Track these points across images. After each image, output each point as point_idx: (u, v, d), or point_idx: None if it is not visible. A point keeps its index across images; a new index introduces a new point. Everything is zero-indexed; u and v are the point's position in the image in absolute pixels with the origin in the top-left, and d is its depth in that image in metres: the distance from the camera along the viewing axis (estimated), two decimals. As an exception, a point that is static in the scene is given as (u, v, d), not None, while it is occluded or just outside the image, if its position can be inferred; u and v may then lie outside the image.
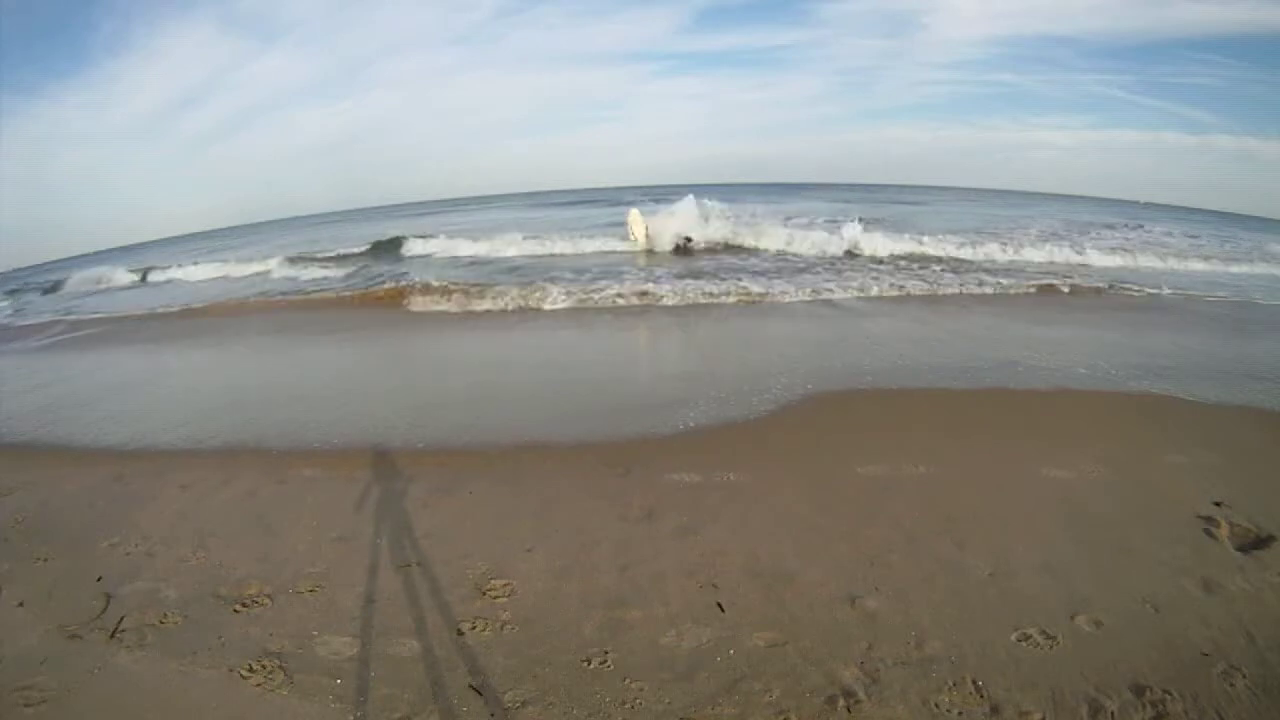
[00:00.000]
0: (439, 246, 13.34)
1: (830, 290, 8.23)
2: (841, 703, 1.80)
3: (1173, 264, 11.07)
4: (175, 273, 14.47)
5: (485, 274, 10.20)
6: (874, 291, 8.20)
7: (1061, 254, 11.14)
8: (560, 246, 12.44)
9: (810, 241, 11.51)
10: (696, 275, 9.10)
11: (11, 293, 15.28)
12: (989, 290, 8.29)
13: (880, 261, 10.47)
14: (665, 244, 11.68)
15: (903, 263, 10.31)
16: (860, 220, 12.88)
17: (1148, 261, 11.12)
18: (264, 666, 1.99)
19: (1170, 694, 1.79)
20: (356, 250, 14.03)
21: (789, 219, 14.45)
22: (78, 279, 14.75)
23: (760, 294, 8.09)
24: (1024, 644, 2.00)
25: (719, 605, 2.23)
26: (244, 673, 1.96)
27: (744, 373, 4.80)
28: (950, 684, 1.85)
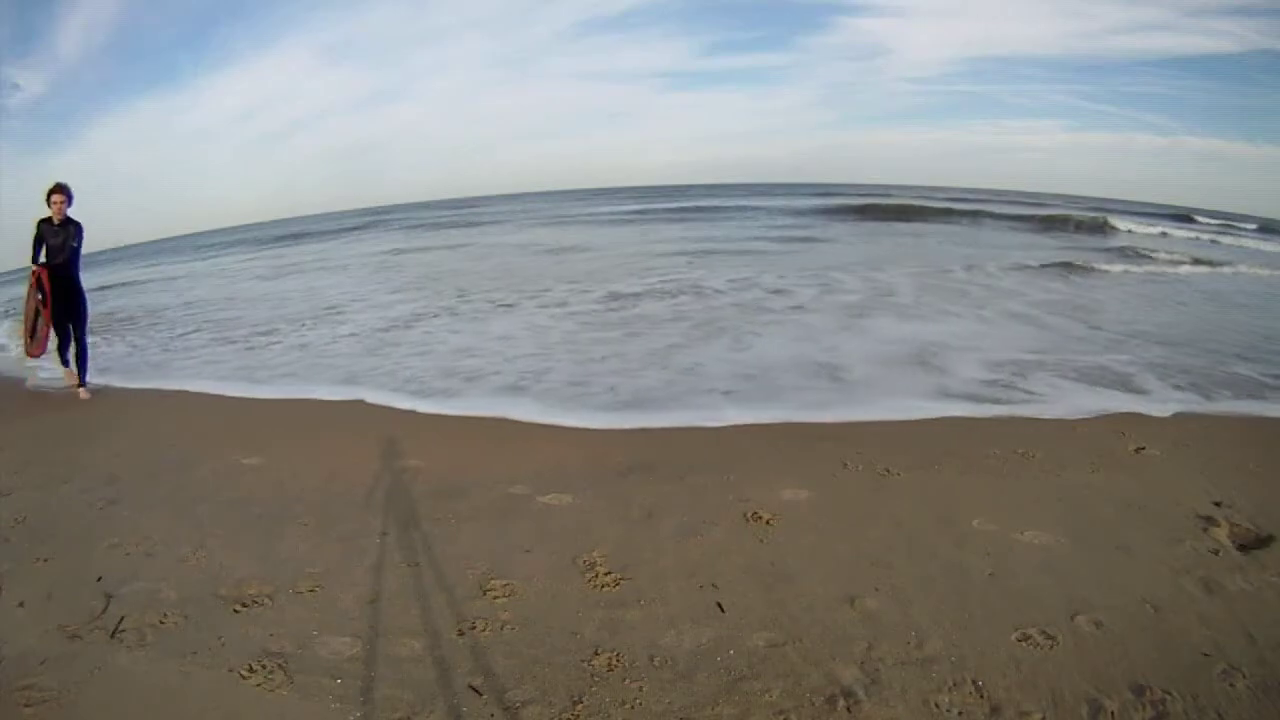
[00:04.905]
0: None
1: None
2: (841, 703, 1.79)
3: None
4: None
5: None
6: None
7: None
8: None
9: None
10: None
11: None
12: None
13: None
14: None
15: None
16: None
17: None
18: (264, 666, 1.99)
19: (1170, 694, 1.79)
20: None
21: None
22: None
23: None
24: (1024, 644, 2.00)
25: (719, 605, 2.23)
26: (244, 673, 1.96)
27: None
28: (950, 684, 1.85)
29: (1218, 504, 2.85)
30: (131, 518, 3.00)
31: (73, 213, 5.16)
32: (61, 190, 5.07)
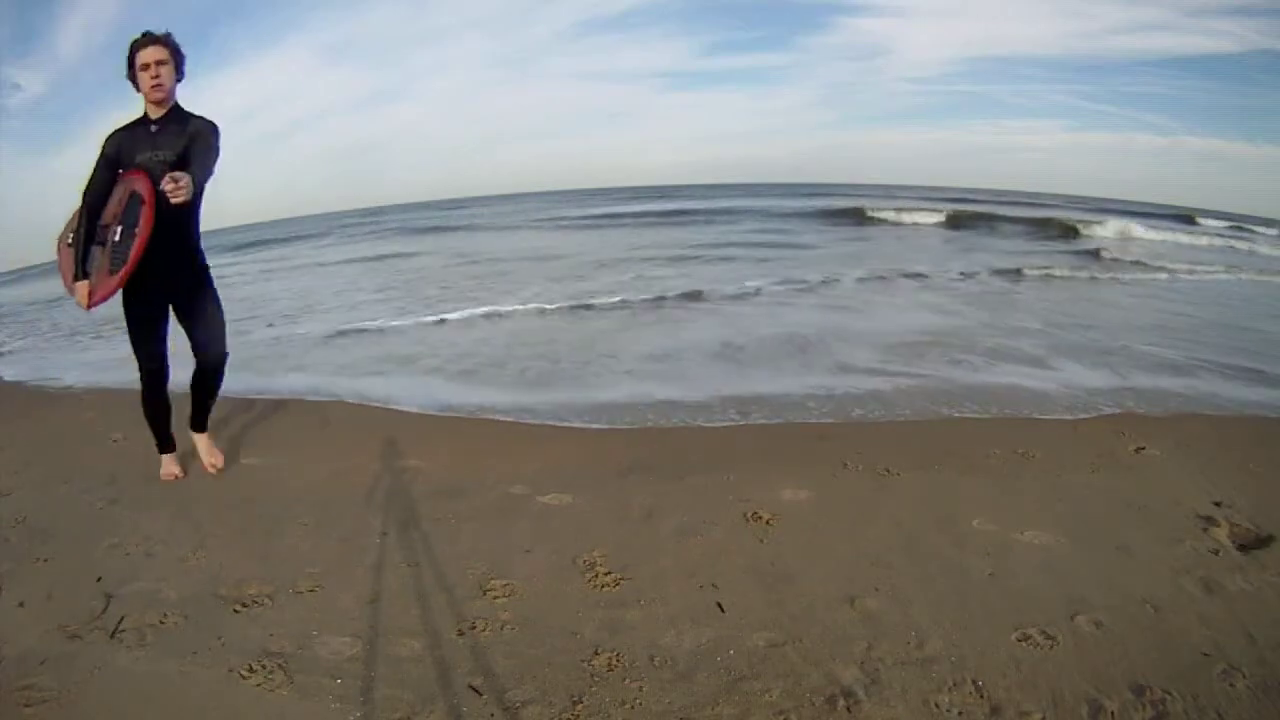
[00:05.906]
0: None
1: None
2: (841, 703, 1.79)
3: None
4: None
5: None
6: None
7: None
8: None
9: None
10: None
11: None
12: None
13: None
14: None
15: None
16: None
17: None
18: (264, 667, 1.98)
19: (1170, 694, 1.79)
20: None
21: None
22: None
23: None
24: (1024, 644, 2.00)
25: (719, 605, 2.23)
26: (244, 673, 1.96)
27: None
28: (950, 684, 1.85)
29: (1218, 504, 2.85)
30: (131, 518, 3.00)
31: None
32: (162, 42, 2.66)
